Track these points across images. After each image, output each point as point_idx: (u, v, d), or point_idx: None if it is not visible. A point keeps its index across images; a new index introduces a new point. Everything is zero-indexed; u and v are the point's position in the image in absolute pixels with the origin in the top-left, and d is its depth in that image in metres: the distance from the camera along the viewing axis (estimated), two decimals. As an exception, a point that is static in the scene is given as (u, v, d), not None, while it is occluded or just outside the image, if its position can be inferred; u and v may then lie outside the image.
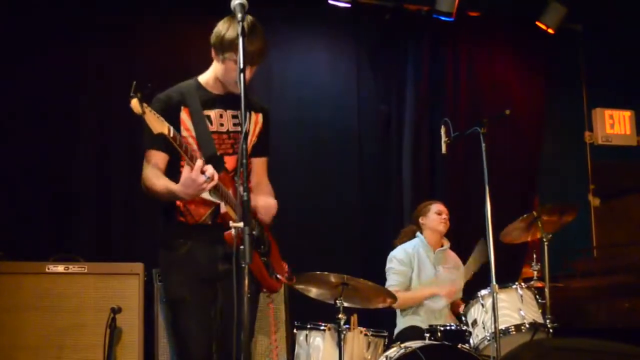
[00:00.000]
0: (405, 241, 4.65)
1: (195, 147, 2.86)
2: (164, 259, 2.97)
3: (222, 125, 2.94)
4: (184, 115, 2.88)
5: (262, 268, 2.89)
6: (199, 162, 2.60)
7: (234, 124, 2.96)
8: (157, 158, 2.86)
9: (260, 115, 3.10)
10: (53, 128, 4.69)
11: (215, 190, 2.70)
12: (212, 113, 2.92)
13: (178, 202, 2.89)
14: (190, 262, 2.89)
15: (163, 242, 2.98)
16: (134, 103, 2.40)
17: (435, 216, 4.58)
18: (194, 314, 2.87)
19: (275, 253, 3.08)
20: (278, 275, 3.01)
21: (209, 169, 2.60)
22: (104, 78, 4.84)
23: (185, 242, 2.91)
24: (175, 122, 2.78)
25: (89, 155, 4.79)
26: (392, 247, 4.65)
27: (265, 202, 2.95)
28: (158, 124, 2.51)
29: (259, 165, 3.16)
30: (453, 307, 4.57)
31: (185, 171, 2.62)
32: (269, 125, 3.15)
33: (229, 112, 2.96)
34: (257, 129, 3.09)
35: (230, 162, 2.93)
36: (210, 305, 2.91)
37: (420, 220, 4.63)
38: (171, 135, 2.56)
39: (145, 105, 2.44)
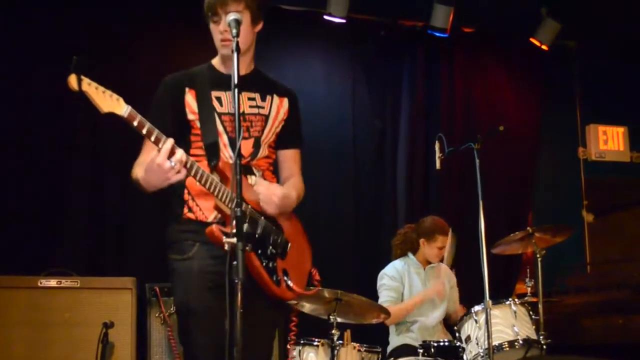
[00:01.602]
0: (404, 248, 4.63)
1: (197, 131, 2.65)
2: (170, 262, 2.67)
3: None
4: (189, 98, 2.67)
5: (262, 273, 2.56)
6: (167, 144, 2.33)
7: (250, 107, 2.72)
8: (151, 147, 2.44)
9: (285, 100, 2.84)
10: (45, 141, 4.68)
11: (203, 179, 2.45)
12: (224, 94, 2.68)
13: (186, 196, 2.65)
14: (198, 266, 2.59)
15: (168, 243, 2.69)
16: (71, 79, 2.15)
17: (436, 250, 4.52)
18: (202, 323, 2.57)
19: (297, 257, 2.75)
20: (290, 283, 2.66)
21: (178, 154, 2.34)
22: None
23: (194, 243, 2.61)
24: (179, 104, 2.66)
25: (82, 169, 4.78)
26: (389, 251, 4.66)
27: (266, 188, 2.62)
28: (106, 103, 2.23)
29: (286, 158, 2.88)
30: (457, 314, 4.54)
31: (152, 154, 2.36)
32: (299, 112, 2.89)
33: (245, 94, 2.71)
34: (281, 115, 2.82)
35: (244, 146, 2.65)
36: (223, 314, 2.45)
37: (422, 239, 4.57)
38: (125, 115, 2.27)
39: (89, 81, 2.20)
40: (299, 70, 5.54)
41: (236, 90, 2.31)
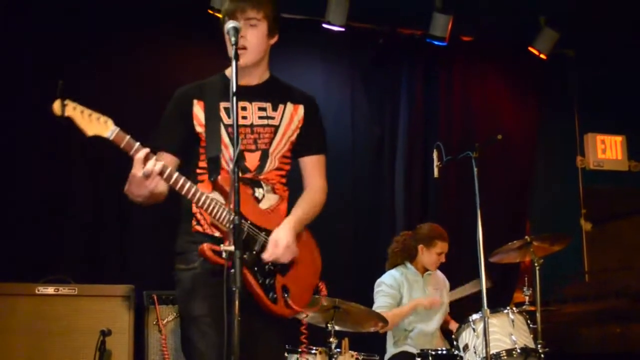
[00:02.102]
0: (401, 256, 4.63)
1: (204, 143, 2.60)
2: (176, 273, 2.64)
3: (244, 118, 2.62)
4: (197, 109, 2.62)
5: (257, 291, 2.52)
6: (140, 154, 2.29)
7: (260, 117, 2.65)
8: (161, 160, 2.44)
9: (300, 107, 2.76)
10: (45, 148, 4.69)
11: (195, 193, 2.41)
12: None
13: (194, 209, 2.61)
14: (202, 276, 2.55)
15: (176, 253, 2.66)
16: (55, 105, 2.15)
17: (435, 256, 4.52)
18: (205, 334, 2.51)
19: (302, 271, 2.68)
20: (289, 300, 2.59)
21: (149, 164, 2.30)
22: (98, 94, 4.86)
23: (200, 255, 2.55)
24: (188, 117, 2.61)
25: (81, 177, 4.79)
26: (387, 254, 4.67)
27: (274, 237, 2.54)
28: (92, 126, 2.23)
29: (306, 165, 2.82)
30: (443, 323, 4.56)
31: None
32: (318, 118, 2.84)
33: (255, 105, 2.65)
34: (295, 124, 2.74)
35: (251, 159, 2.61)
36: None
37: (421, 246, 4.56)
38: (111, 138, 2.26)
39: (74, 105, 2.19)
40: (297, 78, 5.44)
41: (234, 99, 2.27)
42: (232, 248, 2.15)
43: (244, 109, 2.62)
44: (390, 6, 5.55)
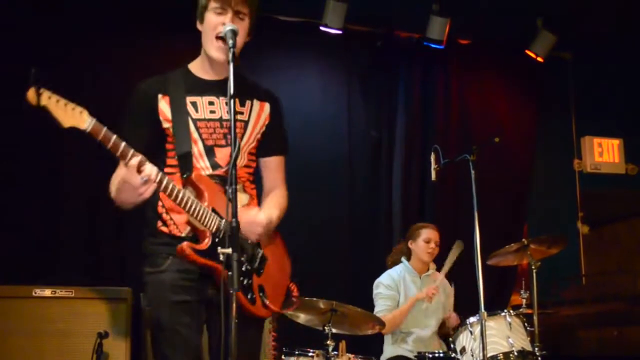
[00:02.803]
0: (396, 259, 4.65)
1: (172, 139, 2.54)
2: (144, 275, 2.58)
3: (213, 112, 2.55)
4: (163, 104, 2.55)
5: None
6: (133, 161, 2.25)
7: (228, 112, 2.48)
8: None
9: (266, 105, 2.71)
10: (41, 150, 4.68)
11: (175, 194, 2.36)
12: (200, 99, 2.56)
13: (160, 209, 2.56)
14: (170, 280, 2.49)
15: (144, 255, 2.59)
16: (29, 93, 2.07)
17: (423, 244, 4.57)
18: (174, 340, 2.47)
19: (276, 272, 2.66)
20: (266, 300, 2.57)
21: (147, 169, 2.27)
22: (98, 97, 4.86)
23: (167, 256, 2.50)
24: (153, 113, 2.54)
25: (77, 177, 4.78)
26: (385, 264, 4.69)
27: (249, 217, 2.50)
28: (68, 117, 2.16)
29: (269, 166, 2.77)
30: (450, 322, 4.53)
31: (122, 171, 2.31)
32: (281, 118, 2.76)
33: (222, 100, 2.56)
34: (262, 121, 2.69)
35: (223, 155, 2.54)
36: (196, 331, 2.52)
37: (409, 243, 4.65)
38: (88, 130, 2.20)
39: (49, 94, 2.12)
40: (295, 81, 5.56)
41: (232, 101, 2.27)
42: (229, 250, 2.14)
43: (211, 103, 2.56)
44: (388, 9, 5.57)
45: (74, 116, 2.17)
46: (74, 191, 4.77)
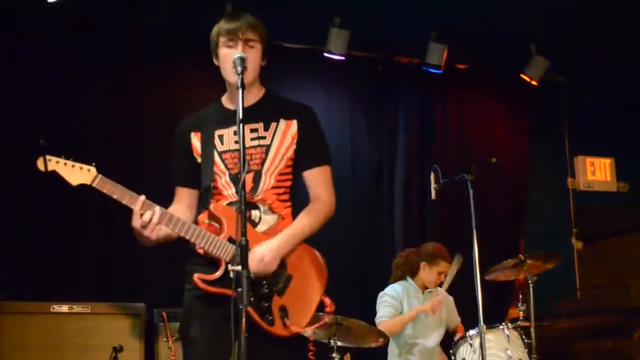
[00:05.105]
0: (405, 270, 4.72)
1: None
2: (184, 291, 2.64)
3: (237, 142, 2.54)
4: (195, 141, 2.67)
5: (252, 314, 2.46)
6: (136, 207, 2.41)
7: (252, 139, 2.60)
8: (180, 195, 2.68)
9: (293, 122, 2.67)
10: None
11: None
12: (226, 131, 2.64)
13: None
14: (198, 296, 2.55)
15: (184, 274, 2.65)
16: (39, 163, 2.34)
17: (435, 275, 4.57)
18: (198, 352, 2.52)
19: (302, 290, 2.63)
20: (286, 321, 2.53)
21: (147, 214, 2.41)
22: (107, 127, 5.02)
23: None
24: (188, 150, 2.68)
25: (93, 195, 4.86)
26: (390, 270, 4.73)
27: (258, 254, 2.50)
28: (76, 176, 2.39)
29: (309, 178, 2.72)
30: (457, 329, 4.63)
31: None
32: (315, 128, 2.73)
33: (247, 127, 2.57)
34: (288, 140, 2.66)
35: (246, 182, 2.50)
36: (221, 343, 2.47)
37: (423, 265, 4.61)
38: (94, 186, 2.41)
39: (56, 160, 2.37)
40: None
41: (241, 126, 2.33)
42: (239, 267, 2.19)
43: (236, 133, 2.55)
44: (389, 36, 5.69)
45: (81, 174, 2.40)
46: (90, 210, 4.85)
